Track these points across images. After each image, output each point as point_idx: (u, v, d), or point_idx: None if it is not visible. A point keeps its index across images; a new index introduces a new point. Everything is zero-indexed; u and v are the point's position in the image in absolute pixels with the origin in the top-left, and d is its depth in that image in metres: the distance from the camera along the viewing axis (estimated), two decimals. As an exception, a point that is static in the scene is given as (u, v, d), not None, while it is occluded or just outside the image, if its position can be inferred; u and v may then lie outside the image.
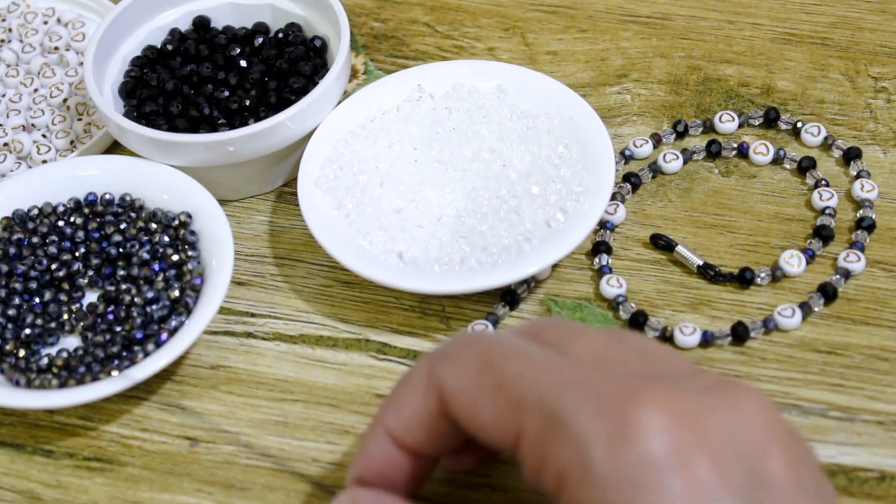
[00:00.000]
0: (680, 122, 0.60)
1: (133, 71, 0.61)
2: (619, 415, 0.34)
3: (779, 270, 0.53)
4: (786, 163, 0.58)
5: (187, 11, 0.63)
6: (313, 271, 0.56)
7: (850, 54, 0.63)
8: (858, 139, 0.59)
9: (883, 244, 0.54)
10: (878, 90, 0.61)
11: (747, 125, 0.60)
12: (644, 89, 0.62)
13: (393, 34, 0.66)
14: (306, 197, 0.55)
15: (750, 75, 0.62)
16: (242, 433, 0.50)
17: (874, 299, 0.53)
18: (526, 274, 0.51)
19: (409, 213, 0.54)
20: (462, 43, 0.66)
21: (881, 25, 0.64)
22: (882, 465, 0.47)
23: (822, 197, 0.56)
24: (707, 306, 0.53)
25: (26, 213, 0.56)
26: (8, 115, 0.63)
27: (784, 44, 0.64)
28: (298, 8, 0.62)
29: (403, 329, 0.53)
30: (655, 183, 0.58)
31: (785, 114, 0.60)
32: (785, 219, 0.56)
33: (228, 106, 0.59)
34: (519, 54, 0.65)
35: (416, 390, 0.39)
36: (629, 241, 0.56)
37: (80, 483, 0.49)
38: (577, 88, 0.60)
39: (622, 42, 0.65)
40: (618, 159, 0.58)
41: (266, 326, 0.54)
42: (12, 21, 0.67)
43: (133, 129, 0.56)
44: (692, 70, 0.63)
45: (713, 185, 0.58)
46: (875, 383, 0.50)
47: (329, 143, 0.57)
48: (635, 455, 0.33)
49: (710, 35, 0.65)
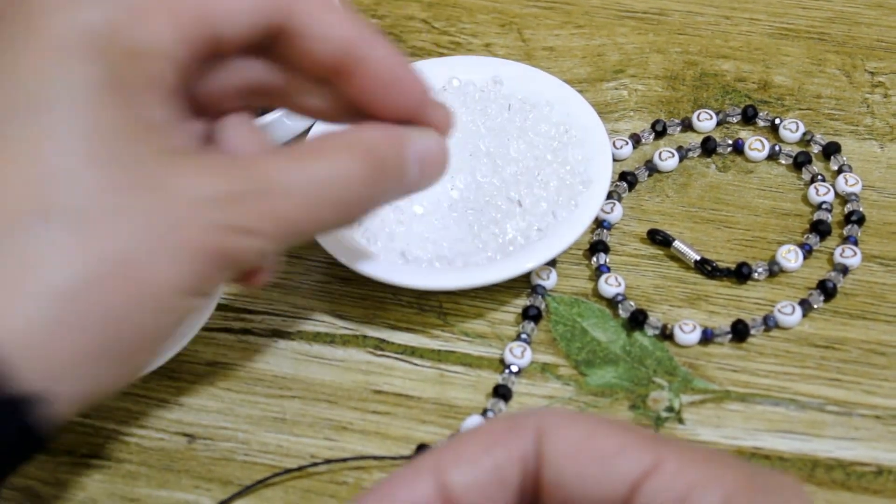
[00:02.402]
0: (658, 121, 0.60)
1: (130, 68, 0.61)
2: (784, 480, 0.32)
3: (776, 265, 0.53)
4: (782, 158, 0.58)
5: (184, 8, 0.63)
6: (311, 268, 0.56)
7: (847, 49, 0.63)
8: (855, 134, 0.59)
9: (880, 238, 0.55)
10: (874, 85, 0.61)
11: (725, 123, 0.60)
12: (641, 85, 0.62)
13: (389, 30, 0.66)
14: (303, 193, 0.54)
15: (747, 70, 0.62)
16: (240, 429, 0.50)
17: (871, 294, 0.53)
18: (523, 270, 0.51)
19: (406, 209, 0.54)
20: (459, 39, 0.66)
21: (878, 20, 0.64)
22: (879, 459, 0.47)
23: (818, 192, 0.56)
24: (704, 301, 0.53)
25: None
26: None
27: (781, 39, 0.64)
28: (295, 4, 0.62)
29: (401, 325, 0.53)
30: (652, 180, 0.58)
31: (763, 110, 0.60)
32: (782, 214, 0.56)
33: (225, 102, 0.59)
34: (516, 50, 0.65)
35: (496, 430, 0.31)
36: (626, 237, 0.56)
37: (77, 480, 0.49)
38: (574, 84, 0.60)
39: (619, 38, 0.65)
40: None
41: (263, 323, 0.54)
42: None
43: (130, 126, 0.56)
44: (689, 65, 0.63)
45: (710, 181, 0.58)
46: (872, 378, 0.50)
47: (326, 139, 0.57)
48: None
49: (706, 30, 0.65)
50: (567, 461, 0.30)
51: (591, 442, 0.30)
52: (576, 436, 0.30)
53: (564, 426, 0.31)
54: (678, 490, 0.29)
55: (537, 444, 0.30)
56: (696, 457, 0.30)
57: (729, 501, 0.29)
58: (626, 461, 0.30)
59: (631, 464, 0.30)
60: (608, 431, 0.30)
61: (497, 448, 0.30)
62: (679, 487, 0.29)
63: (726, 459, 0.31)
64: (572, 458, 0.30)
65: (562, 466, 0.30)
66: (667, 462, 0.30)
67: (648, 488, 0.29)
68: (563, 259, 0.55)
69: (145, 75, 0.37)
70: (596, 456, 0.30)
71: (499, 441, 0.31)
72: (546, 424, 0.30)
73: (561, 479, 0.30)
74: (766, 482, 0.30)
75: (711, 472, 0.30)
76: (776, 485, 0.31)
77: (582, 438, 0.30)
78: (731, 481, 0.29)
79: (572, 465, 0.30)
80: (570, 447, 0.30)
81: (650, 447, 0.30)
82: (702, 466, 0.30)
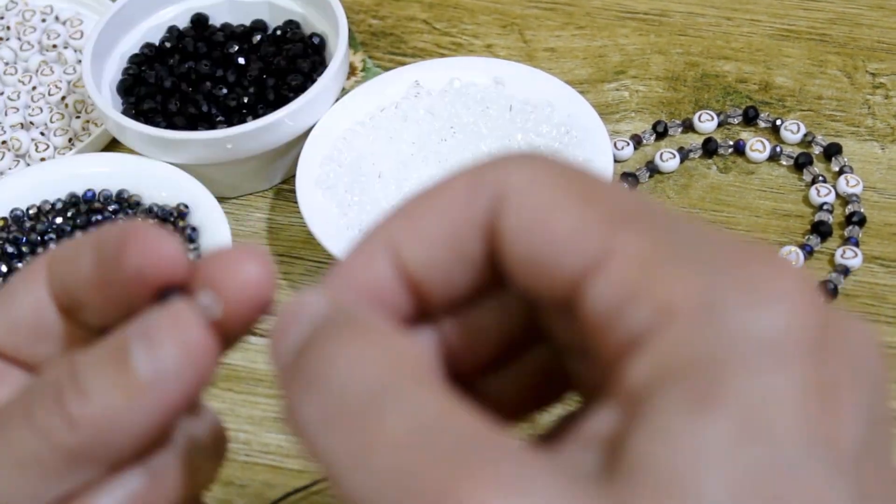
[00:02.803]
0: (659, 122, 0.60)
1: (131, 68, 0.61)
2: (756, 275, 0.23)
3: (777, 266, 0.53)
4: (783, 159, 0.58)
5: (185, 9, 0.63)
6: (312, 268, 0.56)
7: (848, 50, 0.63)
8: (856, 135, 0.59)
9: (881, 240, 0.55)
10: (875, 86, 0.61)
11: (726, 124, 0.60)
12: (642, 86, 0.62)
13: (391, 31, 0.66)
14: (305, 194, 0.55)
15: (748, 71, 0.62)
16: (241, 430, 0.50)
17: (872, 295, 0.53)
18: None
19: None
20: (460, 40, 0.66)
21: (879, 21, 0.64)
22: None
23: (819, 193, 0.56)
24: (705, 302, 0.53)
25: (24, 212, 0.56)
26: (6, 113, 0.63)
27: (782, 40, 0.64)
28: (297, 5, 0.62)
29: (402, 326, 0.53)
30: (653, 181, 0.58)
31: (764, 111, 0.60)
32: (783, 215, 0.56)
33: (227, 103, 0.59)
34: (517, 51, 0.65)
35: (454, 196, 0.25)
36: (627, 238, 0.56)
37: (79, 480, 0.49)
38: (575, 85, 0.60)
39: (620, 39, 0.65)
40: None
41: (265, 324, 0.54)
42: (10, 19, 0.67)
43: (131, 127, 0.56)
44: (690, 66, 0.63)
45: (711, 182, 0.58)
46: (873, 379, 0.50)
47: (327, 140, 0.57)
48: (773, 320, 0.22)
49: (708, 31, 0.65)
50: (518, 240, 0.24)
51: (546, 219, 0.24)
52: (534, 208, 0.24)
53: (524, 192, 0.24)
54: (614, 296, 0.23)
55: (495, 212, 0.25)
56: (656, 246, 0.23)
57: (667, 316, 0.22)
58: (572, 252, 0.23)
59: (575, 256, 0.23)
60: (568, 203, 0.24)
61: (453, 216, 0.25)
62: (617, 293, 0.23)
63: (696, 247, 0.23)
64: (524, 237, 0.24)
65: (514, 245, 0.24)
66: (615, 256, 0.23)
67: (591, 291, 0.23)
68: (564, 260, 0.55)
69: None
70: (545, 240, 0.24)
71: (454, 207, 0.25)
72: (506, 186, 0.25)
73: (513, 258, 0.24)
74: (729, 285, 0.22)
75: (658, 271, 0.22)
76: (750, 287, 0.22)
77: (539, 213, 0.24)
78: (676, 288, 0.22)
79: (523, 245, 0.24)
80: (524, 223, 0.24)
81: (605, 232, 0.23)
82: (650, 263, 0.23)
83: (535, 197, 0.24)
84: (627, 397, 0.22)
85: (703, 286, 0.22)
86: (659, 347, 0.22)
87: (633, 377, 0.22)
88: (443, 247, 0.25)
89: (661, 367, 0.22)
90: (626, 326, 0.22)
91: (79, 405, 0.25)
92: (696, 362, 0.21)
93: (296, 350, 0.25)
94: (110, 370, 0.25)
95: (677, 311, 0.22)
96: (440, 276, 0.26)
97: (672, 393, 0.21)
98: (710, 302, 0.22)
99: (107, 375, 0.25)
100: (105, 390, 0.25)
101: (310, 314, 0.25)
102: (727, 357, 0.21)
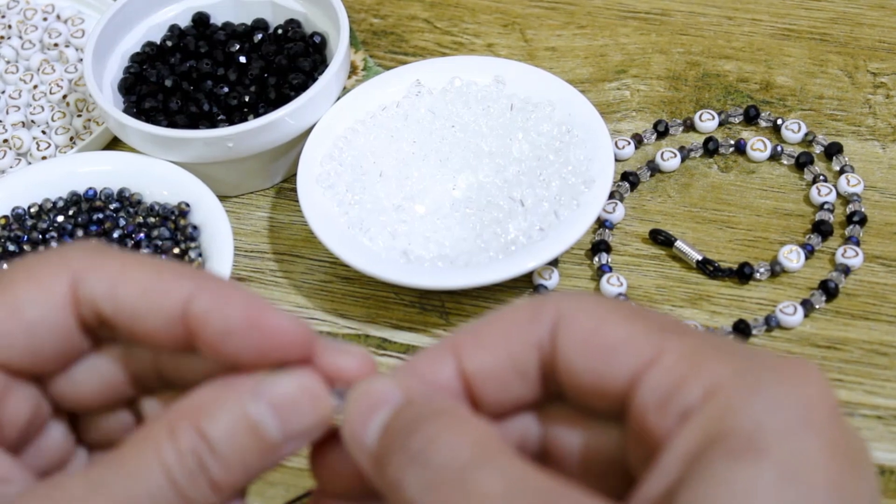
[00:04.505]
0: (660, 121, 0.60)
1: (132, 67, 0.61)
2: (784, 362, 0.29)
3: (778, 265, 0.53)
4: (784, 158, 0.58)
5: (186, 8, 0.63)
6: (313, 267, 0.56)
7: (849, 50, 0.63)
8: (857, 135, 0.59)
9: (882, 239, 0.55)
10: (876, 86, 0.61)
11: (727, 123, 0.60)
12: (643, 85, 0.62)
13: (392, 30, 0.66)
14: (306, 193, 0.55)
15: (749, 71, 0.62)
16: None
17: (873, 294, 0.53)
18: (525, 269, 0.51)
19: (408, 209, 0.54)
20: (461, 39, 0.66)
21: (880, 21, 0.64)
22: (881, 459, 0.47)
23: (820, 192, 0.56)
24: (706, 301, 0.53)
25: (26, 211, 0.56)
26: (7, 112, 0.63)
27: (783, 39, 0.64)
28: (298, 4, 0.62)
29: (403, 325, 0.53)
30: (654, 180, 0.58)
31: (765, 111, 0.60)
32: (784, 214, 0.56)
33: (228, 102, 0.59)
34: (518, 50, 0.65)
35: (516, 317, 0.30)
36: (628, 237, 0.56)
37: (80, 478, 0.49)
38: (577, 84, 0.60)
39: (621, 38, 0.65)
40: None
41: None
42: (12, 17, 0.67)
43: (133, 126, 0.56)
44: (691, 66, 0.63)
45: (712, 181, 0.58)
46: (874, 378, 0.50)
47: (329, 139, 0.57)
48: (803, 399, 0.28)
49: (709, 31, 0.65)
50: (577, 351, 0.29)
51: (600, 331, 0.29)
52: (588, 324, 0.29)
53: (579, 313, 0.30)
54: (668, 384, 0.28)
55: (553, 332, 0.30)
56: (698, 347, 0.28)
57: (713, 393, 0.27)
58: (628, 354, 0.29)
59: (630, 357, 0.29)
60: (618, 319, 0.29)
61: (514, 335, 0.30)
62: (670, 381, 0.28)
63: (731, 347, 0.29)
64: (581, 348, 0.29)
65: (572, 356, 0.29)
66: (665, 354, 0.28)
67: (645, 383, 0.28)
68: (565, 259, 0.55)
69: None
70: (602, 347, 0.29)
71: (516, 328, 0.30)
72: (563, 311, 0.30)
73: (571, 368, 0.29)
74: (762, 370, 0.28)
75: (704, 362, 0.28)
76: (779, 371, 0.28)
77: (592, 328, 0.29)
78: (720, 372, 0.28)
79: (581, 355, 0.29)
80: (581, 337, 0.29)
81: (654, 338, 0.29)
82: (696, 357, 0.28)
83: (589, 316, 0.30)
84: (681, 459, 0.27)
85: (743, 369, 0.28)
86: (708, 415, 0.27)
87: (687, 442, 0.27)
88: (501, 360, 0.30)
89: (710, 431, 0.27)
90: (678, 405, 0.28)
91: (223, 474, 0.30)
92: (741, 425, 0.26)
93: (380, 432, 0.29)
94: (248, 440, 0.30)
95: (721, 387, 0.27)
96: (495, 385, 0.30)
97: (722, 449, 0.26)
98: (748, 379, 0.27)
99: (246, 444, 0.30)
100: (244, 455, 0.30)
101: (388, 402, 0.29)
102: (767, 420, 0.27)
